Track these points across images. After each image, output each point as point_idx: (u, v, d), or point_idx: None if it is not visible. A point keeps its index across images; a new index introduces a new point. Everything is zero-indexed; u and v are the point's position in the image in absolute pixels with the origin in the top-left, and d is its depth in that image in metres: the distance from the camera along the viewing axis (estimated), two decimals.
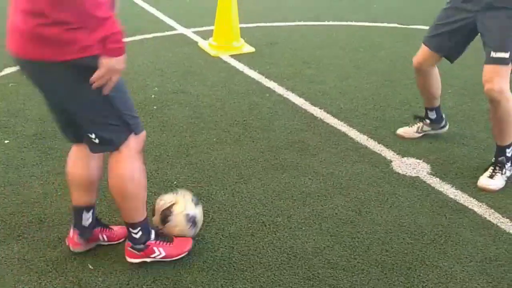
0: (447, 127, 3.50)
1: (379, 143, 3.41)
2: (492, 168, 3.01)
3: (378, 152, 3.31)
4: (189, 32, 5.59)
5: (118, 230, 2.47)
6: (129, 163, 2.15)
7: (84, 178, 2.29)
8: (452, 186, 2.95)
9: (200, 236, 2.51)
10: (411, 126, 3.51)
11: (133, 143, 2.14)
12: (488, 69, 2.89)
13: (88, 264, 2.33)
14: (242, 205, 2.77)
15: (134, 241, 2.27)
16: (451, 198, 2.85)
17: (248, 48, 5.04)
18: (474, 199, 2.83)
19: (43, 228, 2.56)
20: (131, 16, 6.45)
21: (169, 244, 2.34)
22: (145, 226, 2.28)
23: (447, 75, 4.48)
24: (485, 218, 2.69)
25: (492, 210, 2.74)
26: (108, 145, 2.12)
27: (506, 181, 2.99)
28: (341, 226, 2.62)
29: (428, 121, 3.45)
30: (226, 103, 4.00)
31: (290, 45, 5.34)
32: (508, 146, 3.00)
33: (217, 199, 2.82)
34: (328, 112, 3.82)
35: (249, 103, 3.98)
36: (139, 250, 2.28)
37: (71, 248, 2.39)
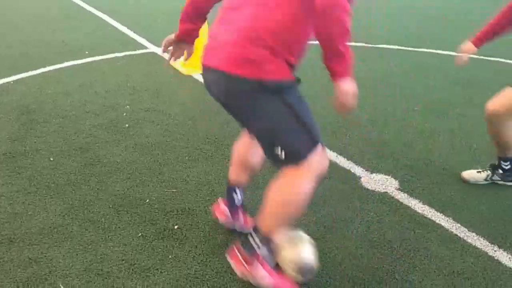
0: None
1: (348, 159, 3.48)
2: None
3: (348, 168, 3.38)
4: (160, 51, 5.59)
5: (251, 221, 2.52)
6: (304, 183, 2.07)
7: (246, 159, 2.45)
8: (420, 202, 3.03)
9: (173, 254, 2.52)
10: (480, 173, 3.27)
11: (315, 161, 2.06)
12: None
13: (60, 285, 2.31)
14: (215, 222, 2.79)
15: (247, 246, 2.21)
16: (419, 213, 2.93)
17: None
18: (441, 214, 2.91)
19: (13, 249, 2.52)
20: (102, 34, 6.45)
21: (274, 272, 2.23)
22: (268, 244, 2.20)
23: (413, 95, 4.62)
24: (452, 232, 2.77)
25: (459, 225, 2.82)
26: (294, 157, 2.04)
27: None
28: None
29: (500, 171, 3.23)
30: (198, 121, 4.02)
31: None
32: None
33: (190, 217, 2.82)
34: None
35: (221, 121, 4.01)
36: (244, 258, 2.22)
37: (219, 220, 2.65)
